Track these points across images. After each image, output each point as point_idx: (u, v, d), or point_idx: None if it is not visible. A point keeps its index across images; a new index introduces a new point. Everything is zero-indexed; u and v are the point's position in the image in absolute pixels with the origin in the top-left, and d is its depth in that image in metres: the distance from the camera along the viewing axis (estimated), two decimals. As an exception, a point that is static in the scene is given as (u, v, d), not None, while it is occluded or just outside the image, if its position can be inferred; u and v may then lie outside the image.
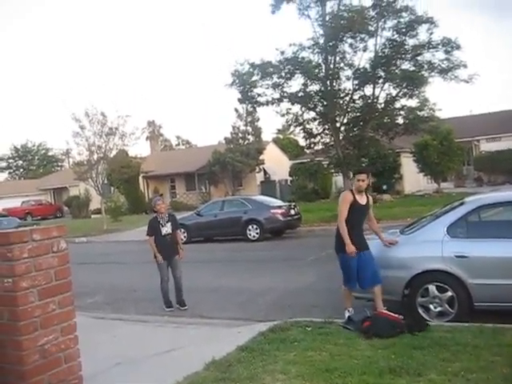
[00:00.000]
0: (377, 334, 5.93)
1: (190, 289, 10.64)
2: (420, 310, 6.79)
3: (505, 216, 7.48)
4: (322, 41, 27.55)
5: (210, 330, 7.39)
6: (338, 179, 32.87)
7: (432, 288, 6.71)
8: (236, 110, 38.57)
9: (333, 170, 31.24)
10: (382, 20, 27.05)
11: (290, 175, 38.53)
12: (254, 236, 19.48)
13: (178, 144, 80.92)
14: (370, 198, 7.21)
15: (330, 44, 27.19)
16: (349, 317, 6.74)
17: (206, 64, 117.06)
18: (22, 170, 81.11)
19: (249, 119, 39.09)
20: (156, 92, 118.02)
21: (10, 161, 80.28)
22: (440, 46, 25.88)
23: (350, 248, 6.74)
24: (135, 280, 12.90)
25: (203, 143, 65.65)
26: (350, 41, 27.14)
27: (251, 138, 39.60)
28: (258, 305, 9.07)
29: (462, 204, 7.28)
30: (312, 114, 29.56)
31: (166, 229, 9.08)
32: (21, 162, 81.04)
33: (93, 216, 40.69)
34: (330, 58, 27.76)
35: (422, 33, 26.46)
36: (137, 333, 7.53)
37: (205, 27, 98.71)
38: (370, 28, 26.84)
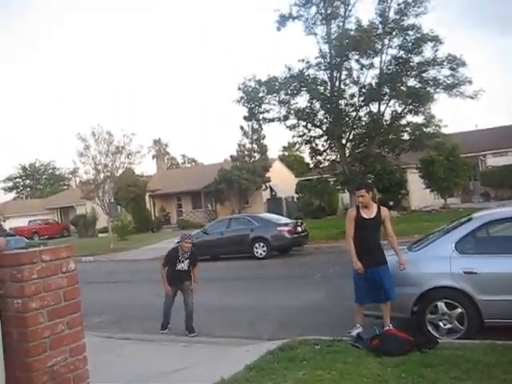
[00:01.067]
0: (386, 352, 5.89)
1: (197, 308, 10.60)
2: (429, 328, 6.74)
3: (512, 231, 7.46)
4: (328, 58, 27.80)
5: (218, 349, 7.35)
6: (345, 196, 32.86)
7: (441, 305, 6.66)
8: (241, 128, 38.72)
9: (339, 187, 31.28)
10: (388, 38, 27.28)
11: (296, 192, 38.51)
12: (260, 254, 19.43)
13: (184, 162, 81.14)
14: (384, 211, 6.98)
15: (336, 62, 27.43)
16: (358, 334, 6.69)
17: (212, 83, 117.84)
18: (28, 189, 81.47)
19: (254, 137, 39.21)
20: (161, 110, 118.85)
21: (17, 180, 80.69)
22: (445, 63, 26.06)
23: (357, 265, 6.74)
24: (142, 299, 12.87)
25: (209, 161, 65.83)
26: (356, 57, 27.39)
27: (257, 155, 39.68)
28: (266, 323, 9.01)
29: (469, 220, 7.27)
30: (318, 131, 29.71)
31: (183, 265, 8.89)
32: (28, 181, 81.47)
33: (99, 235, 40.73)
34: (335, 75, 27.97)
35: (428, 50, 26.65)
36: (144, 352, 7.50)
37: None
38: (377, 45, 27.07)
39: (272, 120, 28.87)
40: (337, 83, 27.97)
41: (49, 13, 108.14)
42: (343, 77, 28.14)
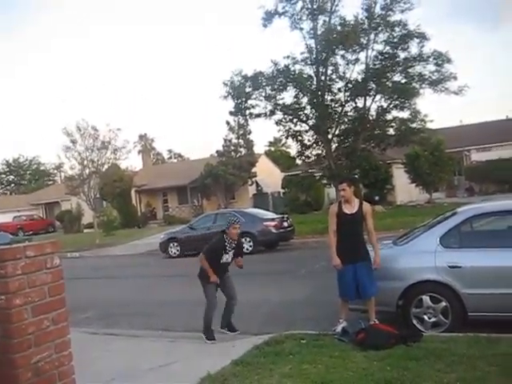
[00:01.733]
0: (372, 346, 5.93)
1: (183, 303, 10.65)
2: (414, 321, 6.79)
3: (497, 226, 7.55)
4: (314, 53, 27.86)
5: (204, 344, 7.35)
6: (331, 191, 32.96)
7: (426, 298, 6.71)
8: (228, 123, 38.67)
9: (325, 182, 31.38)
10: (374, 33, 27.40)
11: (282, 187, 38.57)
12: (247, 249, 19.39)
13: (170, 157, 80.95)
14: (366, 206, 7.01)
15: (322, 57, 27.48)
16: (343, 328, 6.72)
17: (199, 78, 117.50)
18: (13, 184, 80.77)
19: (240, 132, 39.18)
20: (148, 106, 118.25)
21: (2, 176, 79.93)
22: (431, 59, 26.21)
23: (334, 260, 6.83)
24: (129, 294, 12.83)
25: (195, 156, 65.63)
26: (342, 52, 27.46)
27: (243, 150, 39.66)
28: (253, 318, 9.02)
29: (454, 214, 7.32)
30: (305, 127, 29.78)
31: (228, 257, 7.74)
32: (12, 176, 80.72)
33: (85, 230, 40.51)
34: (321, 70, 28.03)
35: (414, 46, 26.80)
36: (131, 348, 7.48)
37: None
38: (363, 40, 27.18)
39: (258, 115, 28.88)
40: (323, 78, 28.03)
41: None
42: (329, 72, 28.19)
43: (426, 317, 6.74)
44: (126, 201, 40.45)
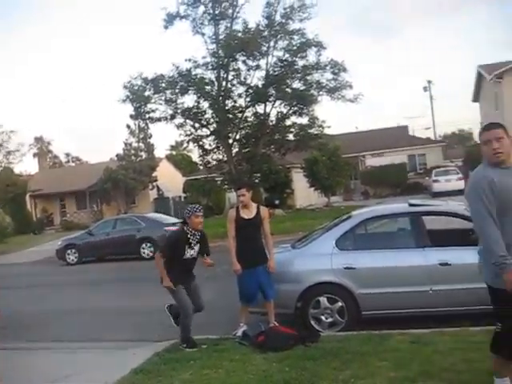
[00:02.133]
0: (271, 348, 6.05)
1: (81, 312, 10.33)
2: (312, 322, 6.96)
3: (387, 228, 7.97)
4: (215, 58, 28.02)
5: (103, 354, 7.16)
6: (232, 195, 33.20)
7: (323, 300, 6.91)
8: (128, 127, 38.03)
9: (226, 186, 31.59)
10: (274, 40, 27.99)
11: (183, 191, 38.39)
12: (148, 254, 19.14)
13: (68, 161, 78.11)
14: (263, 211, 7.06)
15: (223, 62, 27.71)
16: (244, 332, 6.80)
17: (99, 78, 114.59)
18: None
19: (141, 136, 38.67)
20: (45, 107, 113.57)
21: None
22: (328, 68, 27.19)
23: (234, 265, 6.92)
24: (22, 305, 12.21)
25: (94, 160, 63.80)
26: (243, 58, 27.82)
27: (144, 154, 39.15)
28: (153, 325, 8.89)
29: (348, 218, 7.62)
30: (206, 131, 29.86)
31: (193, 252, 6.87)
32: None
33: (-26, 238, 38.20)
34: (222, 75, 28.24)
35: (312, 54, 27.72)
36: (26, 362, 7.14)
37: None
38: (263, 47, 27.68)
39: (158, 119, 28.63)
40: (224, 83, 28.23)
41: None
42: (230, 77, 28.46)
43: (323, 317, 6.93)
44: (20, 206, 38.67)
